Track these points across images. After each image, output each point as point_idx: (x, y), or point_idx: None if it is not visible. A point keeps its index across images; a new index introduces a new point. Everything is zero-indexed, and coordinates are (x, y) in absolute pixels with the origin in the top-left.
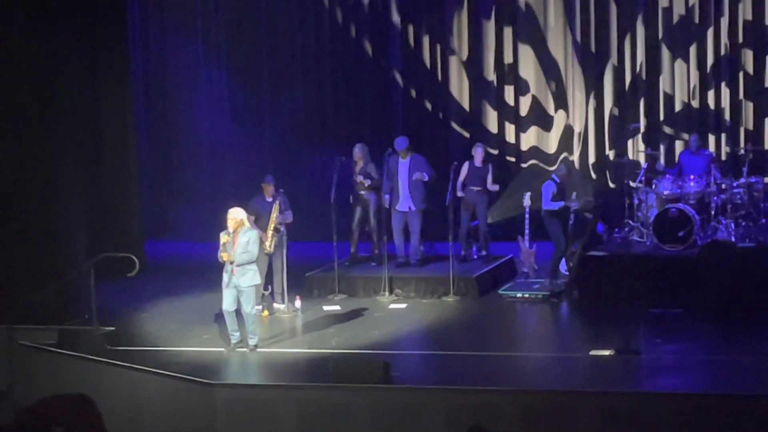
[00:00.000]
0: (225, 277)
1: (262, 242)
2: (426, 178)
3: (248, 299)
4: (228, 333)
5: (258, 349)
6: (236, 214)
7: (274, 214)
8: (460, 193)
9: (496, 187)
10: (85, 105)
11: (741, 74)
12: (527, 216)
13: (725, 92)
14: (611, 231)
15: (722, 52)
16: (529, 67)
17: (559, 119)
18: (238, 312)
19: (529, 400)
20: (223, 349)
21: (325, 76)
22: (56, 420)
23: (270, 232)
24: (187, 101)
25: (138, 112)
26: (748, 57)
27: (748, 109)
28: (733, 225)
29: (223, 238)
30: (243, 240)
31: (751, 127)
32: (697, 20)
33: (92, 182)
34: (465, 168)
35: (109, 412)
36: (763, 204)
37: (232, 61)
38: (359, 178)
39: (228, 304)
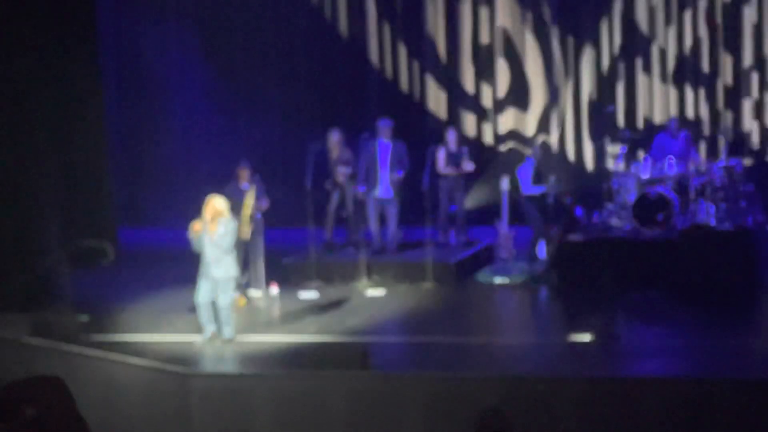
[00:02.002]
0: (202, 267)
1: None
2: (401, 174)
3: (225, 291)
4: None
5: (234, 339)
6: (216, 203)
7: (250, 200)
8: (445, 169)
9: (471, 166)
10: (55, 90)
11: (719, 56)
12: (505, 200)
13: (703, 74)
14: (590, 215)
15: (700, 34)
16: (505, 49)
17: (537, 102)
18: (213, 303)
19: (508, 386)
20: (199, 337)
21: (300, 59)
22: (28, 402)
23: (245, 219)
24: (160, 85)
25: (109, 97)
26: (726, 41)
27: (727, 90)
28: (713, 208)
29: (196, 225)
30: (220, 230)
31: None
32: (675, 2)
33: (63, 170)
34: (441, 153)
35: (84, 401)
36: (743, 186)
37: (205, 44)
38: (340, 168)
39: (202, 295)
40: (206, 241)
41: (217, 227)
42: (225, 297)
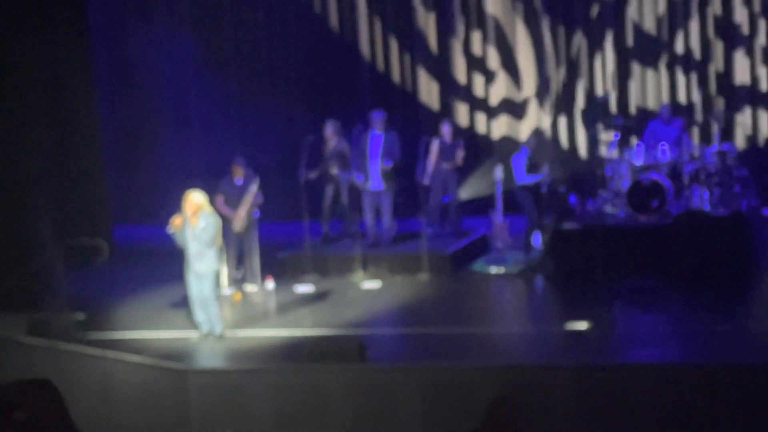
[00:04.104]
0: (186, 263)
1: (228, 223)
2: (389, 165)
3: (209, 285)
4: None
5: (229, 333)
6: (194, 198)
7: (251, 195)
8: (441, 163)
9: (461, 157)
10: (48, 88)
11: (710, 41)
12: (499, 190)
13: (694, 60)
14: (584, 202)
15: (691, 21)
16: (497, 40)
17: (529, 90)
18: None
19: (505, 376)
20: (195, 333)
21: (292, 54)
22: (17, 406)
23: (243, 213)
24: (152, 81)
25: (102, 94)
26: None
27: (718, 75)
28: (706, 193)
29: (176, 220)
30: (201, 224)
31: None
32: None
33: (57, 168)
34: (435, 146)
35: (82, 399)
36: (736, 171)
37: (198, 39)
38: (332, 160)
39: (192, 290)
40: (188, 235)
41: (198, 221)
42: (210, 291)
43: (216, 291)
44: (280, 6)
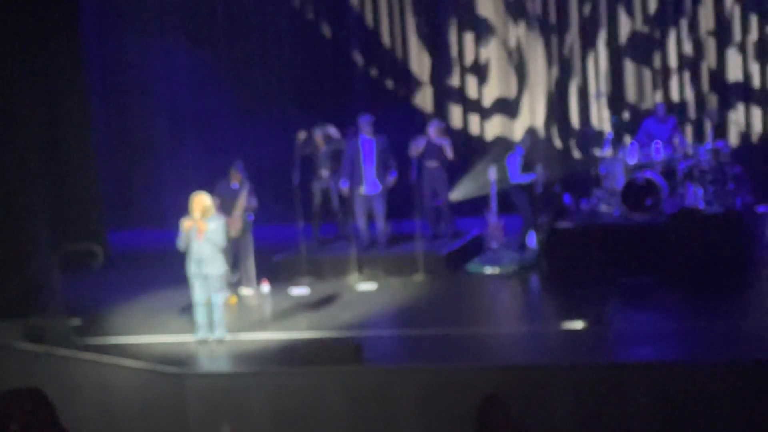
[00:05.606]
0: (192, 266)
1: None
2: (395, 176)
3: (217, 287)
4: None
5: (226, 339)
6: (203, 200)
7: (243, 199)
8: (427, 162)
9: (449, 153)
10: (41, 94)
11: (703, 39)
12: (493, 190)
13: (687, 58)
14: (578, 202)
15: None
16: (490, 44)
17: (522, 90)
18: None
19: (501, 376)
20: (192, 337)
21: (284, 60)
22: (10, 418)
23: (238, 217)
24: (147, 87)
25: (96, 99)
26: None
27: (711, 72)
28: (701, 191)
29: (187, 223)
30: (211, 226)
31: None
32: None
33: (52, 174)
34: (421, 144)
35: (79, 405)
36: (730, 168)
37: (190, 45)
38: (323, 164)
39: (198, 294)
40: (197, 238)
41: (208, 223)
42: (217, 294)
43: (224, 294)
44: (273, 13)
